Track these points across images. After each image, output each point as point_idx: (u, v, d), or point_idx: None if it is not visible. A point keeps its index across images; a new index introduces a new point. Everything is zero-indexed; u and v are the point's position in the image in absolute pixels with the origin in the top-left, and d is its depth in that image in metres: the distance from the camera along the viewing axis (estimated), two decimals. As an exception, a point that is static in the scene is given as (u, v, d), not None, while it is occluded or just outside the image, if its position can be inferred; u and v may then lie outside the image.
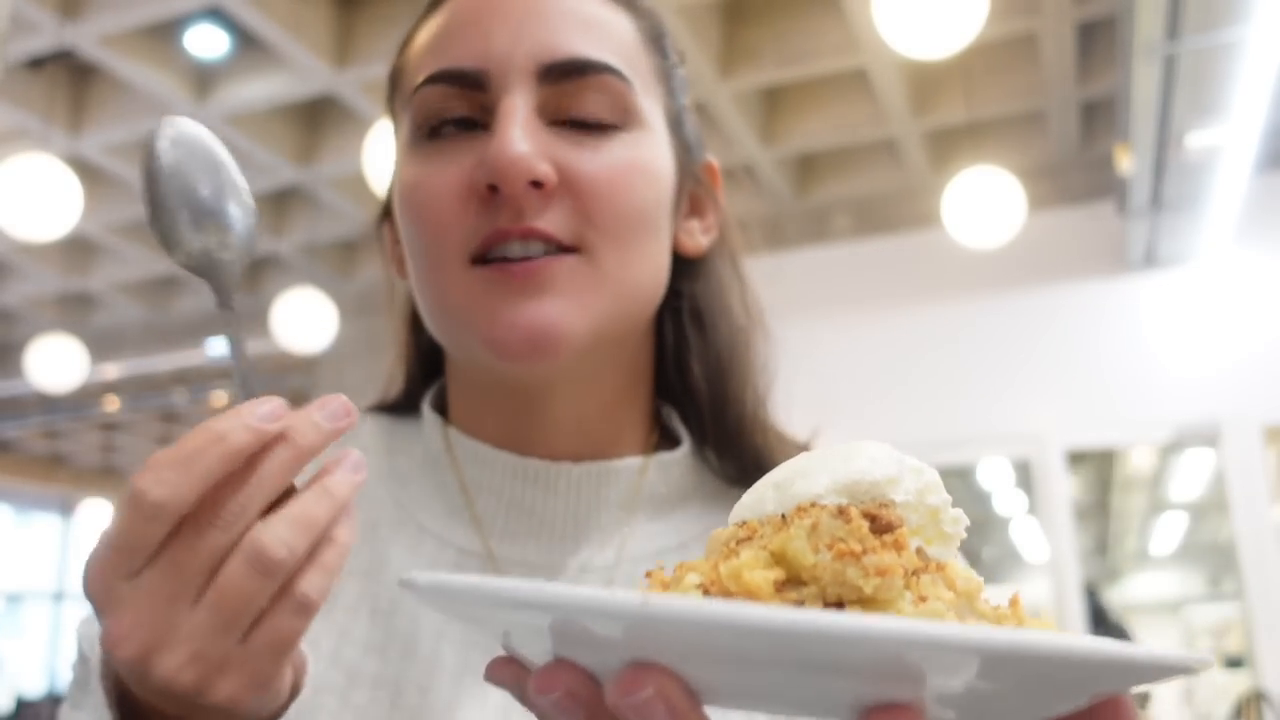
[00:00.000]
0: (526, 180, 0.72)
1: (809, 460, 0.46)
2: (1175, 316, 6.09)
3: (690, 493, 0.87)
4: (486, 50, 0.76)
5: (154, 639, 0.49)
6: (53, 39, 5.05)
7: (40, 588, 14.99)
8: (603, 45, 0.78)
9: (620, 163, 0.76)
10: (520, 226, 0.73)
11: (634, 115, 0.78)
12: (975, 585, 0.43)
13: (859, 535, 0.41)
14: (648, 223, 0.78)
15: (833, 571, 0.39)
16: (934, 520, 0.46)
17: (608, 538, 0.82)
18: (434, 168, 0.76)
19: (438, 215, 0.75)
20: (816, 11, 5.19)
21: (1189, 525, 10.70)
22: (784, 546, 0.41)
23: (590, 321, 0.75)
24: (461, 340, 0.77)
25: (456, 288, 0.75)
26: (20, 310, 8.91)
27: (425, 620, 0.77)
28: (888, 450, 0.46)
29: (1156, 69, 4.09)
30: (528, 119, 0.74)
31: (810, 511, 0.43)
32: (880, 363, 6.32)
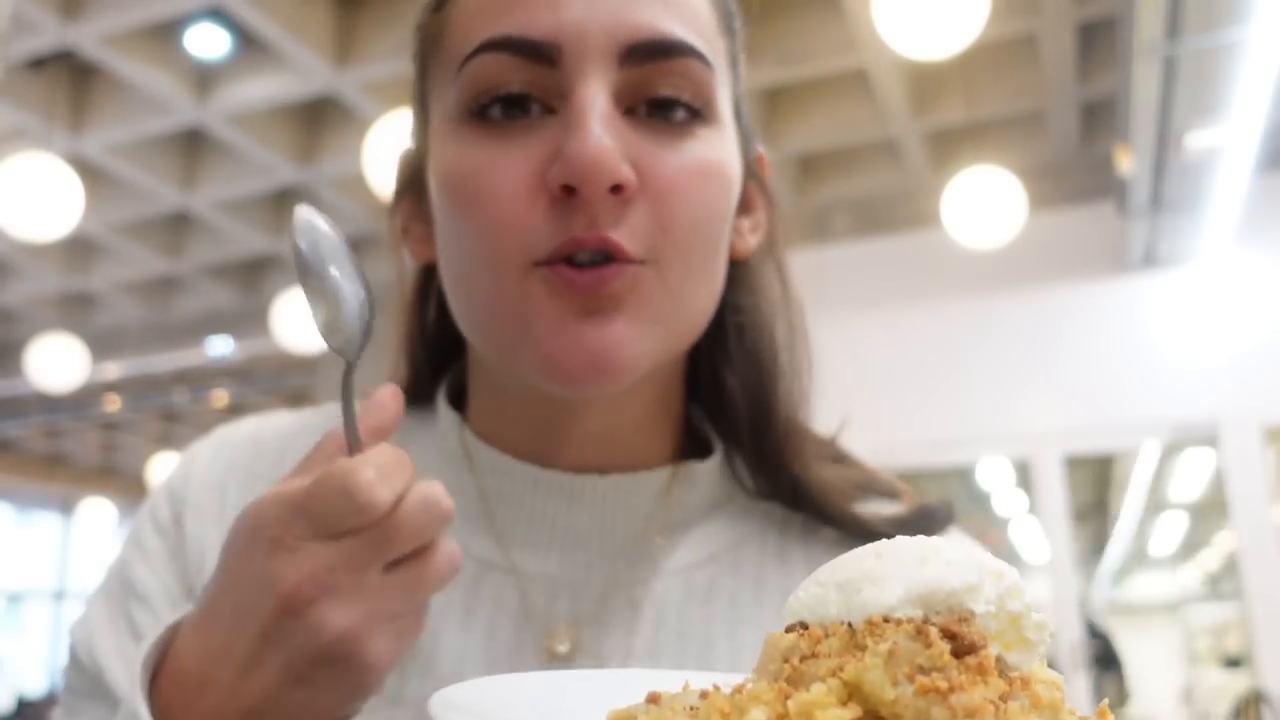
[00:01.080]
0: (609, 184, 0.64)
1: (878, 560, 0.42)
2: (1175, 316, 6.09)
3: (720, 503, 0.82)
4: (559, 20, 0.67)
5: (333, 591, 0.54)
6: (54, 38, 5.05)
7: (41, 587, 15.00)
8: (687, 23, 0.70)
9: (699, 164, 0.69)
10: (596, 235, 0.65)
11: (713, 107, 0.71)
12: (1059, 695, 0.40)
13: (941, 663, 0.37)
14: (717, 232, 0.72)
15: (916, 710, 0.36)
16: (1015, 626, 0.42)
17: (634, 551, 0.77)
18: (493, 154, 0.68)
19: (501, 213, 0.67)
20: (816, 11, 5.20)
21: (1188, 526, 10.70)
22: (859, 677, 0.37)
23: (654, 344, 0.69)
24: (508, 350, 0.70)
25: (513, 293, 0.68)
26: (21, 310, 8.92)
27: (446, 639, 0.75)
28: (966, 550, 0.43)
29: (1157, 69, 4.09)
30: (608, 109, 0.66)
31: (884, 630, 0.39)
32: (880, 363, 6.32)
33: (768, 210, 0.84)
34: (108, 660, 0.72)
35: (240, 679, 0.56)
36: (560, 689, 0.49)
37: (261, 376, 9.72)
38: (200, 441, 0.85)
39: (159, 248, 7.66)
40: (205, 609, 0.58)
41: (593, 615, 0.75)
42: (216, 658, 0.56)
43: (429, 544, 0.57)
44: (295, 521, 0.55)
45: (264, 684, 0.55)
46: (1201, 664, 9.77)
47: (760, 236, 0.83)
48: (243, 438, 0.84)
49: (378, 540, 0.55)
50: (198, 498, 0.79)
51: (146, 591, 0.75)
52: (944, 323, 6.40)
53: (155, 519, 0.79)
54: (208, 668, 0.56)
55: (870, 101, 5.86)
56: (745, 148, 0.79)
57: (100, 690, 0.72)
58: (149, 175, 6.47)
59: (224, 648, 0.56)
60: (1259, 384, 5.84)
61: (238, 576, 0.57)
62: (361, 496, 0.54)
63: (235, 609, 0.56)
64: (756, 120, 0.84)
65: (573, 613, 0.75)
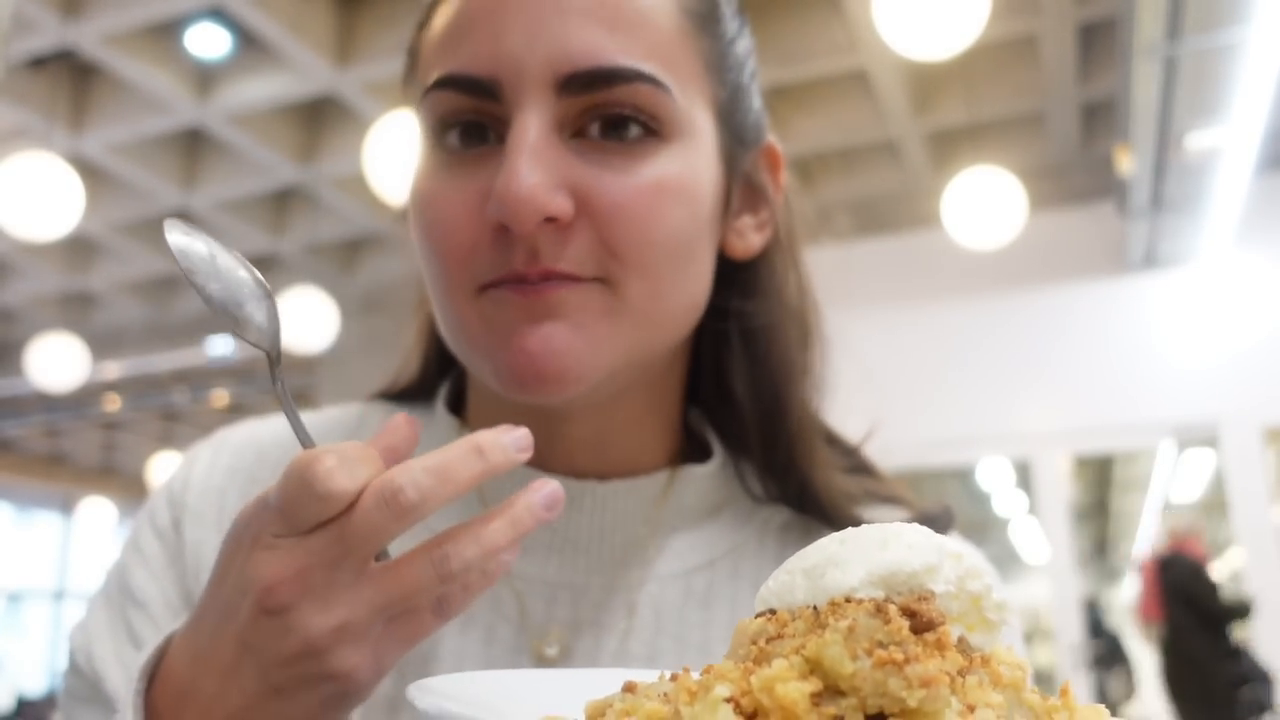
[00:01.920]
0: (537, 220, 0.65)
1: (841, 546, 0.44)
2: (1175, 317, 6.09)
3: (720, 506, 0.82)
4: (497, 53, 0.68)
5: (309, 594, 0.53)
6: (54, 38, 5.05)
7: (41, 586, 15.01)
8: (634, 43, 0.68)
9: (649, 185, 0.68)
10: (538, 269, 0.67)
11: (670, 124, 0.70)
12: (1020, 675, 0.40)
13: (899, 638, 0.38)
14: (681, 249, 0.70)
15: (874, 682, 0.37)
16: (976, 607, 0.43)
17: (633, 555, 0.77)
18: (446, 184, 0.70)
19: (451, 242, 0.69)
20: (816, 11, 5.20)
21: (1189, 526, 10.69)
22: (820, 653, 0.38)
23: (606, 356, 0.69)
24: (473, 365, 0.73)
25: (468, 314, 0.70)
26: (21, 309, 8.92)
27: (444, 644, 0.75)
28: (926, 535, 0.43)
29: (1157, 70, 4.09)
30: (541, 140, 0.67)
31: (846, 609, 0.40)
32: (880, 363, 6.28)
33: (773, 207, 0.82)
34: (106, 666, 0.72)
35: (221, 687, 0.55)
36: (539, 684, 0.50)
37: (261, 376, 9.72)
38: (199, 445, 0.85)
39: (159, 247, 7.66)
40: (194, 616, 0.58)
41: (591, 619, 0.75)
42: (200, 665, 0.56)
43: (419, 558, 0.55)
44: (269, 518, 0.54)
45: (242, 692, 0.55)
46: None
47: (767, 234, 0.81)
48: (242, 442, 0.84)
49: (342, 534, 0.53)
50: (197, 504, 0.79)
51: (145, 598, 0.75)
52: (944, 323, 6.40)
53: (155, 524, 0.79)
54: (192, 676, 0.57)
55: (870, 102, 5.87)
56: (740, 148, 0.78)
57: (99, 696, 0.72)
58: (149, 175, 6.48)
59: (207, 655, 0.56)
60: (1259, 384, 5.84)
61: (223, 578, 0.57)
62: (319, 485, 0.53)
63: (218, 613, 0.56)
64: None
65: (571, 617, 0.75)
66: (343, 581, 0.54)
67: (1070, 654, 6.00)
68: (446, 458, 0.55)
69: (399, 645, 0.56)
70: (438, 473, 0.55)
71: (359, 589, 0.54)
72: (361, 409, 0.88)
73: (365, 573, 0.54)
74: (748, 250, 0.80)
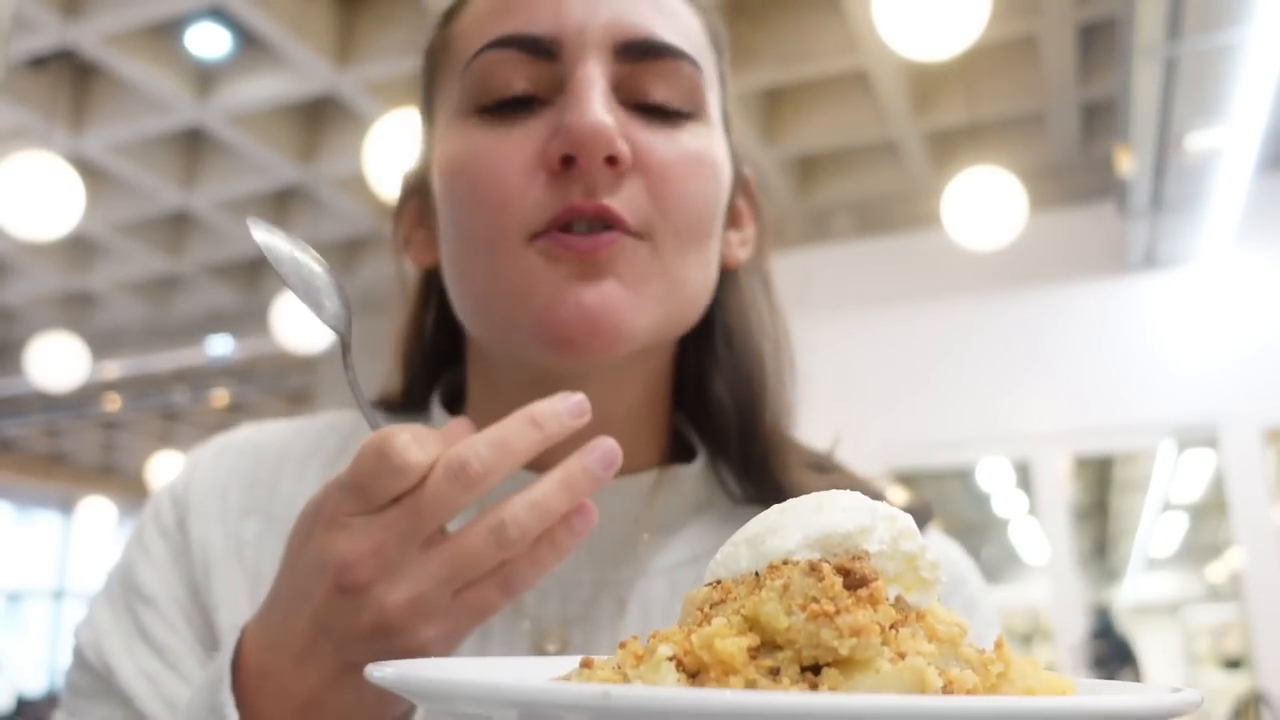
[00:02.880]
0: (606, 153, 0.68)
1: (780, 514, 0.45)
2: (1175, 317, 6.09)
3: (704, 506, 0.84)
4: (559, 16, 0.71)
5: (385, 570, 0.55)
6: (55, 38, 5.05)
7: (41, 586, 15.00)
8: (680, 32, 0.75)
9: (691, 152, 0.73)
10: (593, 204, 0.69)
11: (703, 107, 0.75)
12: (958, 631, 0.42)
13: (832, 593, 0.39)
14: (709, 219, 0.75)
15: (807, 634, 0.38)
16: (911, 567, 0.44)
17: (621, 552, 0.79)
18: (496, 137, 0.71)
19: (501, 187, 0.70)
20: (816, 11, 5.20)
21: (1188, 527, 10.70)
22: (756, 610, 0.40)
23: (650, 315, 0.72)
24: (508, 324, 0.73)
25: (514, 265, 0.70)
26: (21, 309, 8.92)
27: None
28: (859, 499, 0.45)
29: (1157, 70, 4.09)
30: (606, 88, 0.71)
31: (782, 570, 0.42)
32: (880, 363, 6.32)
33: (755, 226, 0.87)
34: (117, 660, 0.73)
35: (297, 669, 0.57)
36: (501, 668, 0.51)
37: (261, 376, 9.72)
38: (200, 448, 0.87)
39: (159, 247, 7.66)
40: (268, 601, 0.60)
41: (581, 615, 0.77)
42: (275, 648, 0.58)
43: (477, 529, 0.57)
44: (343, 497, 0.56)
45: (320, 672, 0.57)
46: (1201, 665, 9.77)
47: (749, 250, 0.86)
48: (242, 444, 0.85)
49: (416, 507, 0.55)
50: (200, 502, 0.80)
51: (152, 594, 0.76)
52: (944, 323, 6.40)
53: (159, 522, 0.81)
54: (267, 659, 0.58)
55: (871, 102, 5.87)
56: (735, 161, 0.83)
57: (109, 690, 0.73)
58: (149, 175, 6.48)
59: (281, 637, 0.58)
60: (1259, 385, 5.84)
61: (295, 562, 0.58)
62: (396, 458, 0.55)
63: (291, 595, 0.58)
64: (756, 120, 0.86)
65: (562, 612, 0.77)
66: (414, 556, 0.56)
67: (1071, 654, 6.00)
68: (504, 431, 0.57)
69: (469, 620, 0.57)
70: (498, 445, 0.57)
71: (429, 562, 0.56)
72: (357, 416, 0.89)
73: (434, 546, 0.56)
74: (735, 262, 0.84)
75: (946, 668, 0.40)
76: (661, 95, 0.73)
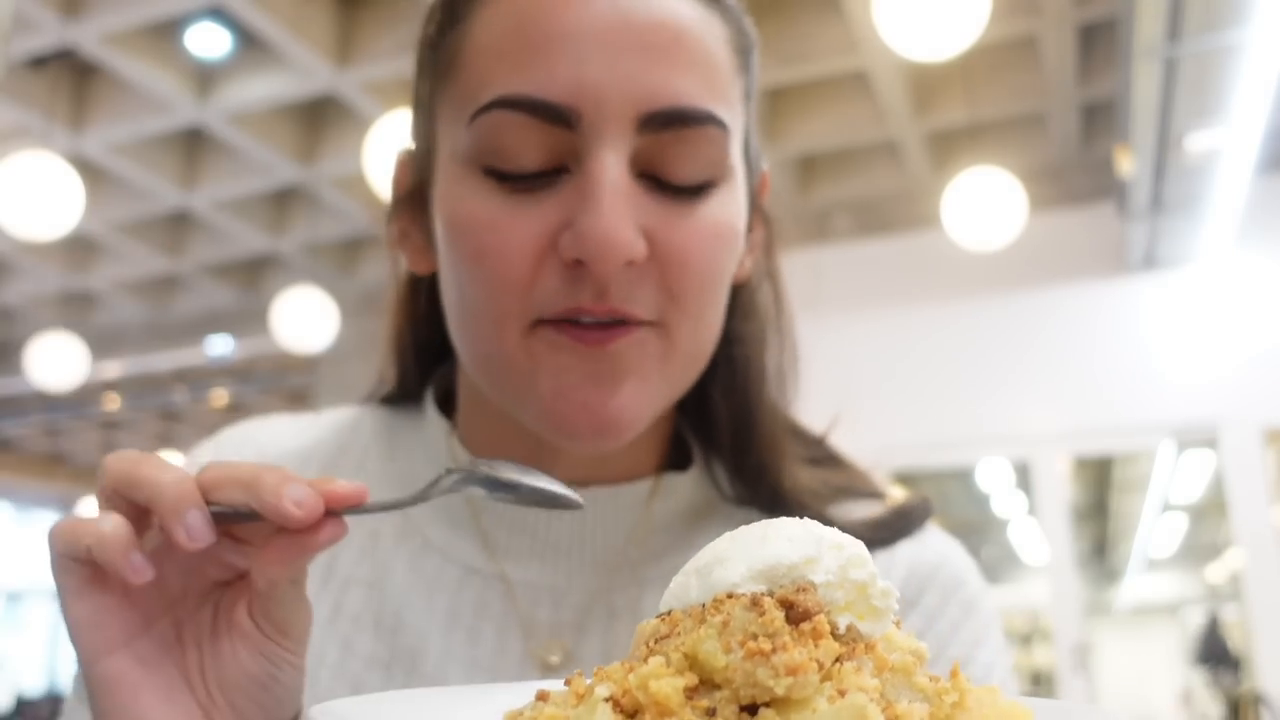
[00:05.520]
0: (622, 263, 0.65)
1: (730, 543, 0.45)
2: (1175, 318, 6.09)
3: (700, 511, 0.83)
4: (579, 82, 0.65)
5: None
6: (55, 37, 5.05)
7: (40, 586, 15.00)
8: (705, 85, 0.69)
9: (709, 230, 0.69)
10: (605, 307, 0.66)
11: (725, 168, 0.71)
12: (910, 661, 0.41)
13: (772, 629, 0.39)
14: (723, 289, 0.73)
15: (744, 673, 0.38)
16: (863, 595, 0.43)
17: (616, 560, 0.79)
18: (505, 211, 0.67)
19: (509, 271, 0.67)
20: (816, 12, 5.20)
21: (1188, 527, 10.70)
22: (695, 648, 0.39)
23: (658, 400, 0.71)
24: (511, 400, 0.71)
25: (517, 348, 0.68)
26: (21, 308, 8.92)
27: (431, 642, 0.76)
28: (807, 528, 0.44)
29: (1157, 71, 4.09)
30: (623, 179, 0.66)
31: (724, 605, 0.41)
32: (880, 363, 6.32)
33: (763, 231, 0.84)
34: None
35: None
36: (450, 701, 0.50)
37: (261, 376, 9.72)
38: (202, 444, 0.87)
39: (159, 247, 7.66)
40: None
41: (575, 622, 0.77)
42: None
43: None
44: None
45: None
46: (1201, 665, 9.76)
47: (756, 256, 0.83)
48: (242, 439, 0.85)
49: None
50: None
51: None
52: (944, 324, 6.40)
53: None
54: None
55: (870, 102, 5.87)
56: (751, 177, 0.79)
57: None
58: (149, 174, 6.47)
59: None
60: (1259, 386, 5.84)
61: None
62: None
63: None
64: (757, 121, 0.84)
65: (555, 619, 0.77)
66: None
67: (1070, 655, 6.00)
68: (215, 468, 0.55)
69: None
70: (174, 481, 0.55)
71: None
72: (357, 413, 0.89)
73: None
74: (743, 275, 0.81)
75: (897, 699, 0.39)
76: (685, 167, 0.68)
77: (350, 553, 0.79)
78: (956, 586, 0.81)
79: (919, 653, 0.42)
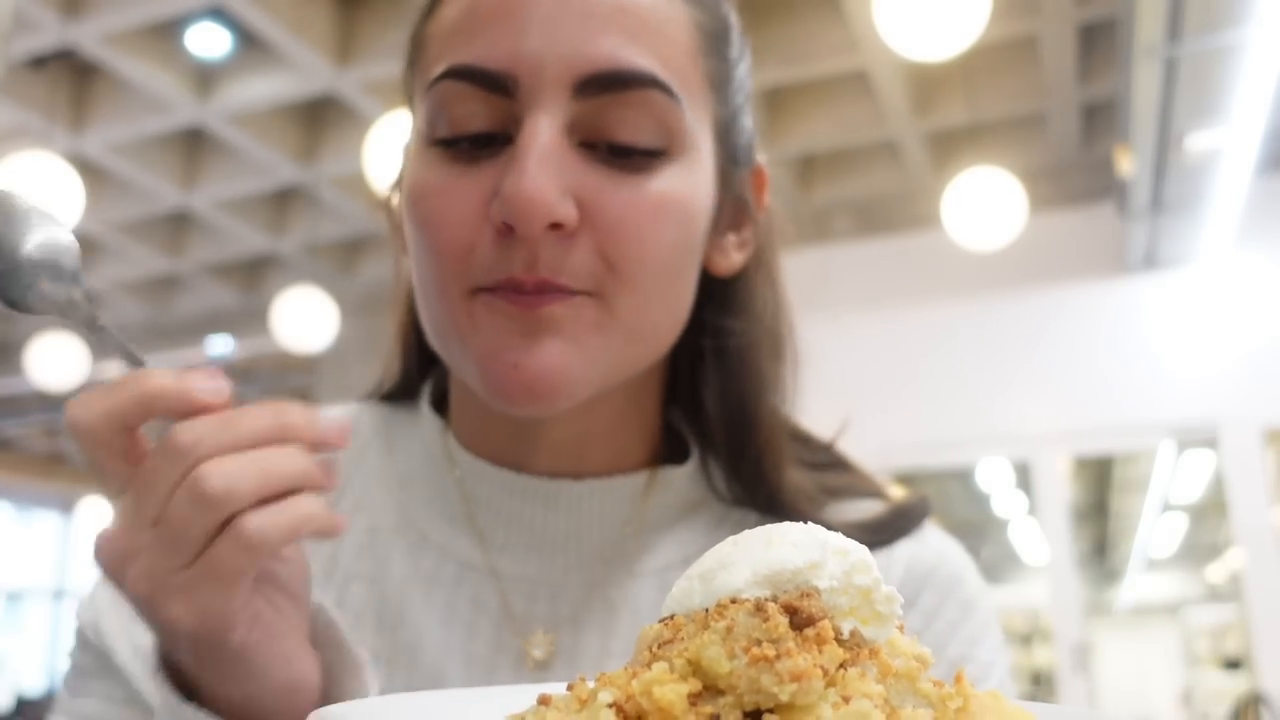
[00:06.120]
0: (544, 224, 0.65)
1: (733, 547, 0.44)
2: (1175, 318, 6.09)
3: (696, 507, 0.83)
4: (516, 49, 0.67)
5: (123, 553, 0.56)
6: (55, 38, 5.05)
7: (40, 585, 15.00)
8: (652, 52, 0.69)
9: (653, 201, 0.68)
10: (534, 278, 0.67)
11: (679, 138, 0.70)
12: (914, 667, 0.41)
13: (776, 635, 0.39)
14: (673, 267, 0.71)
15: (748, 679, 0.38)
16: (867, 601, 0.43)
17: (611, 554, 0.78)
18: (449, 179, 0.69)
19: (448, 239, 0.69)
20: (817, 12, 5.20)
21: (1188, 527, 10.71)
22: (699, 654, 0.39)
23: (596, 369, 0.70)
24: (457, 367, 0.73)
25: (459, 314, 0.70)
26: (21, 308, 8.91)
27: (429, 637, 0.76)
28: (811, 533, 0.44)
29: (1157, 71, 4.09)
30: (553, 144, 0.66)
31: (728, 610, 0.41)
32: (880, 364, 6.32)
33: (755, 226, 0.83)
34: (114, 640, 0.74)
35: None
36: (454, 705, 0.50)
37: (261, 376, 9.72)
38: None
39: (159, 247, 7.66)
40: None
41: (571, 617, 0.77)
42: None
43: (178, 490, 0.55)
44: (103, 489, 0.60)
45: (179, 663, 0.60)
46: (1201, 666, 9.77)
47: (748, 251, 0.82)
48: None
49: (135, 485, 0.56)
50: None
51: None
52: (944, 324, 6.40)
53: None
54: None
55: (871, 102, 5.87)
56: (731, 167, 0.79)
57: (109, 669, 0.74)
58: (149, 174, 6.48)
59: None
60: (1259, 386, 5.84)
61: None
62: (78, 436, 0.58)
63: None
64: (757, 121, 0.83)
65: (551, 614, 0.77)
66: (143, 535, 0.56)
67: (1070, 655, 6.01)
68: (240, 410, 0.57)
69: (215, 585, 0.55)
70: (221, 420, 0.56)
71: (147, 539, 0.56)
72: (356, 409, 0.89)
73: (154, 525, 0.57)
74: (730, 268, 0.81)
75: (901, 705, 0.40)
76: (628, 134, 0.68)
77: (350, 549, 0.80)
78: (955, 585, 0.80)
79: (923, 658, 0.42)
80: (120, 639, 0.74)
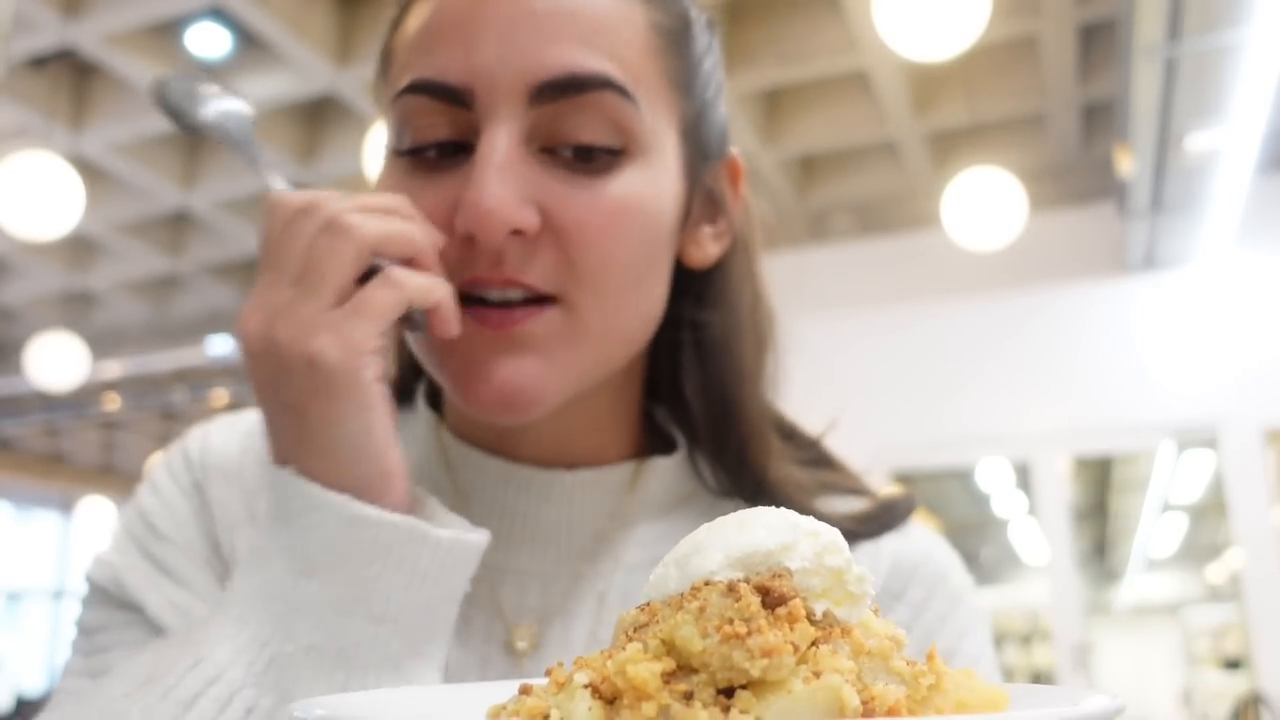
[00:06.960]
0: (504, 232, 0.67)
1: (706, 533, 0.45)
2: (1175, 318, 6.09)
3: (685, 498, 0.84)
4: (471, 62, 0.69)
5: (269, 313, 0.63)
6: (55, 37, 5.05)
7: (40, 586, 15.00)
8: (607, 54, 0.70)
9: (613, 204, 0.70)
10: (499, 276, 0.69)
11: (636, 138, 0.71)
12: (887, 645, 0.42)
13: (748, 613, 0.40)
14: (638, 269, 0.72)
15: (720, 656, 0.39)
16: (839, 581, 0.44)
17: (602, 545, 0.79)
18: (413, 189, 0.71)
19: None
20: (816, 12, 5.20)
21: (1188, 527, 10.71)
22: (672, 634, 0.40)
23: (566, 379, 0.71)
24: (435, 374, 0.75)
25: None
26: (21, 308, 8.92)
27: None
28: (784, 516, 0.45)
29: (1157, 71, 4.09)
30: (511, 154, 0.68)
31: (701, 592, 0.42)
32: (880, 363, 6.32)
33: (734, 216, 0.83)
34: (144, 595, 0.75)
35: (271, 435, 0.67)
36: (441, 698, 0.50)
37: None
38: (207, 424, 0.88)
39: (159, 247, 7.66)
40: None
41: (560, 608, 0.78)
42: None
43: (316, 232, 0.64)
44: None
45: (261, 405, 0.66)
46: (1201, 666, 9.77)
47: (724, 243, 0.82)
48: (252, 425, 0.86)
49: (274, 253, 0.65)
50: (220, 464, 0.82)
51: (173, 536, 0.79)
52: (944, 324, 6.40)
53: (177, 482, 0.82)
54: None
55: (870, 102, 5.87)
56: (702, 164, 0.80)
57: (135, 622, 0.75)
58: (149, 174, 6.48)
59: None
60: (1259, 386, 5.84)
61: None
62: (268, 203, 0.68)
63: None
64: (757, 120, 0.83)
65: (541, 606, 0.78)
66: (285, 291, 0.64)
67: (1070, 655, 6.01)
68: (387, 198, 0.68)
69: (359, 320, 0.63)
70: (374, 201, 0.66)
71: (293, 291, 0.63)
72: None
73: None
74: (705, 260, 0.81)
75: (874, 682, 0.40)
76: (585, 137, 0.69)
77: None
78: (941, 579, 0.81)
79: (897, 638, 0.43)
80: (150, 594, 0.75)
